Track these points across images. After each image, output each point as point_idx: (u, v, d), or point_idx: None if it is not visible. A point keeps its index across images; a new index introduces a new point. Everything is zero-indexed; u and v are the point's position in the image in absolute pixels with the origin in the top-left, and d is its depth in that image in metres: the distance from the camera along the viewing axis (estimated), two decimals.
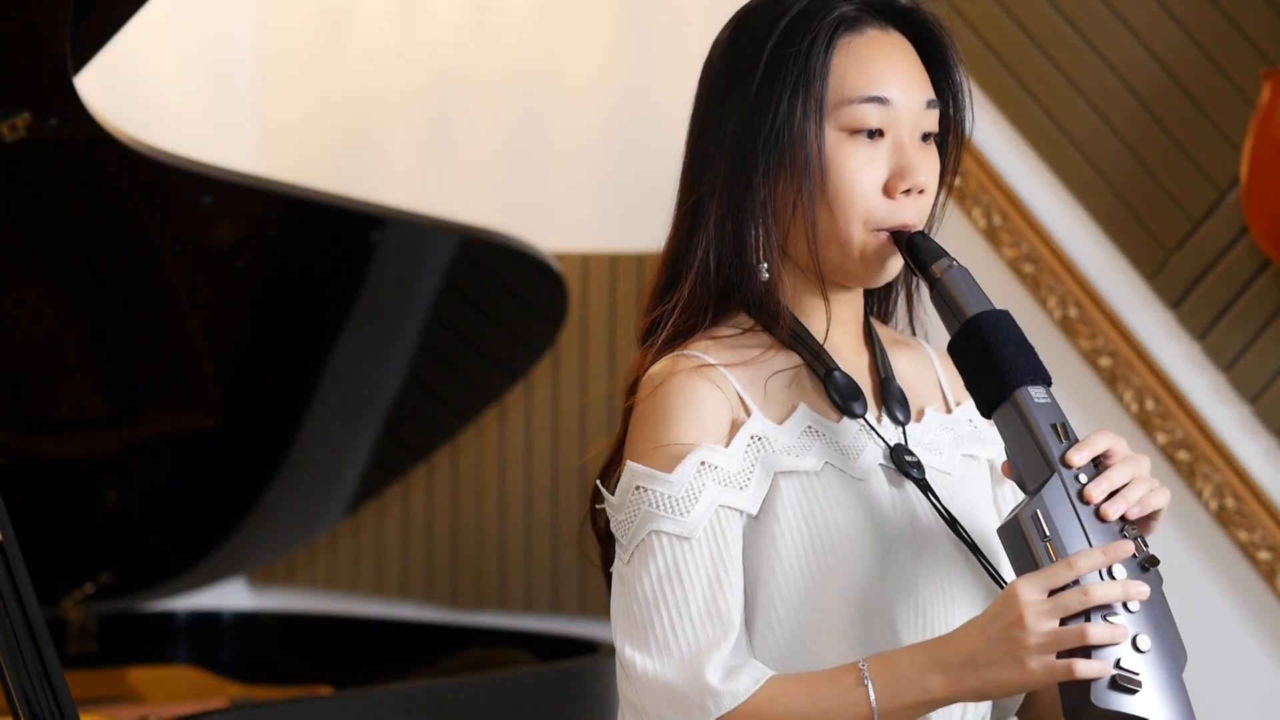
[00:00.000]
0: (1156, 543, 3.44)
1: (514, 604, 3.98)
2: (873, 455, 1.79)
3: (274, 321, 3.46)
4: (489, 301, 3.62)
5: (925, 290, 1.81)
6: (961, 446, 1.88)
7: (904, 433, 1.82)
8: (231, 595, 4.16)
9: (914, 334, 1.95)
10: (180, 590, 3.78)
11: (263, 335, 3.47)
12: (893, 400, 1.83)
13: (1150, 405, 3.30)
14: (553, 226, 3.89)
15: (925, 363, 1.93)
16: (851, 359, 1.84)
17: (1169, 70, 3.28)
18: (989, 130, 3.40)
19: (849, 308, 1.84)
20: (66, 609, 3.61)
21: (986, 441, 1.90)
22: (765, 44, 1.76)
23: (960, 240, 3.41)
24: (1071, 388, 3.37)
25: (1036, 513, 1.63)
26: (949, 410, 1.91)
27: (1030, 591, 1.60)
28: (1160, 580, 1.67)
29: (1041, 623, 1.60)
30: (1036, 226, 3.36)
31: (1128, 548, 1.63)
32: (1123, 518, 1.65)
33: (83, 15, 2.68)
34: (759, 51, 1.76)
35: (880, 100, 1.75)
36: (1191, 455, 3.27)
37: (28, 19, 2.66)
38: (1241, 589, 3.27)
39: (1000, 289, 3.38)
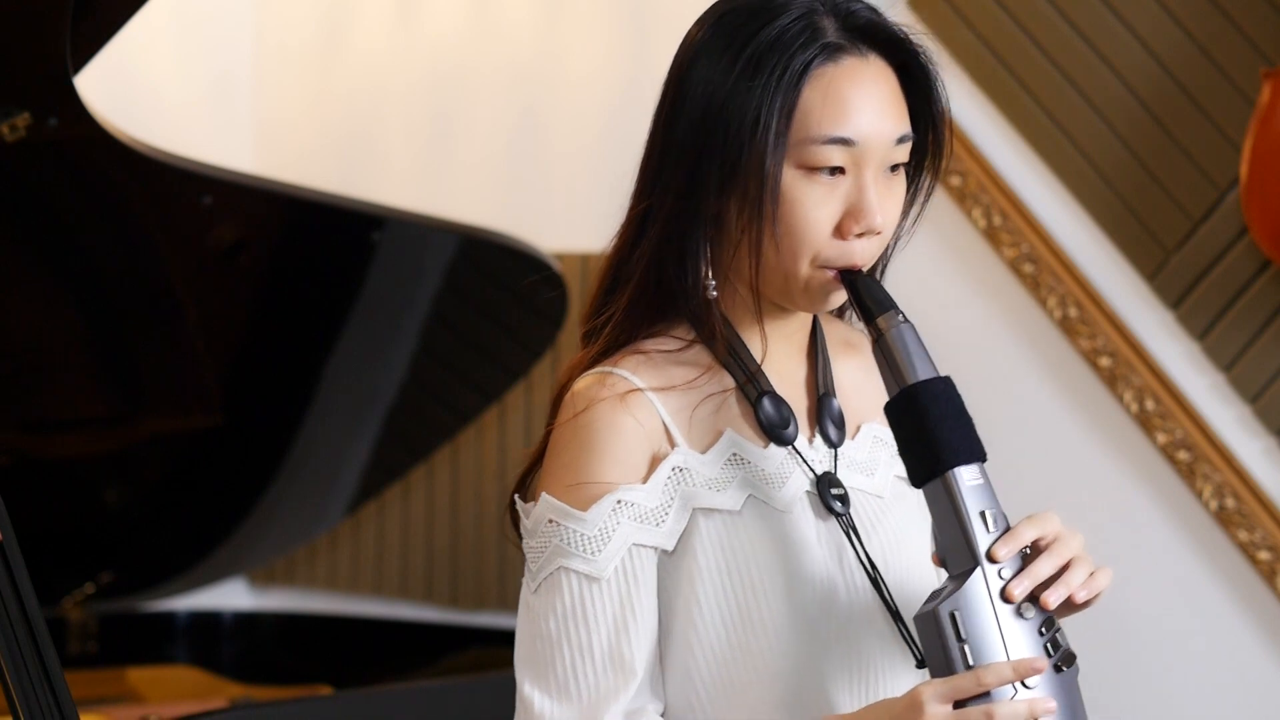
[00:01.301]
0: (1156, 542, 3.45)
1: (514, 604, 3.96)
2: (799, 484, 1.73)
3: (274, 321, 3.46)
4: (489, 301, 3.62)
5: (883, 277, 1.77)
6: (896, 466, 1.79)
7: (835, 456, 1.76)
8: (231, 595, 4.16)
9: None
10: (180, 590, 3.78)
11: (263, 335, 3.47)
12: (827, 420, 1.77)
13: (1150, 405, 3.30)
14: (553, 226, 3.89)
15: (873, 369, 1.85)
16: (791, 371, 1.79)
17: (1169, 70, 3.28)
18: (989, 131, 3.40)
19: (793, 320, 1.78)
20: (66, 609, 3.61)
21: None
22: (737, 61, 1.68)
23: (960, 240, 3.41)
24: (1071, 388, 3.37)
25: (954, 612, 1.58)
26: None
27: (934, 703, 1.56)
28: (1076, 674, 1.63)
29: None
30: (1036, 226, 3.36)
31: (1039, 664, 1.58)
32: (1046, 614, 1.62)
33: (83, 15, 2.68)
34: (730, 68, 1.68)
35: (844, 141, 1.66)
36: (1191, 455, 3.27)
37: (28, 19, 2.66)
38: (1241, 589, 3.27)
39: (1000, 289, 3.38)
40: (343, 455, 3.72)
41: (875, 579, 1.72)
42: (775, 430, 1.72)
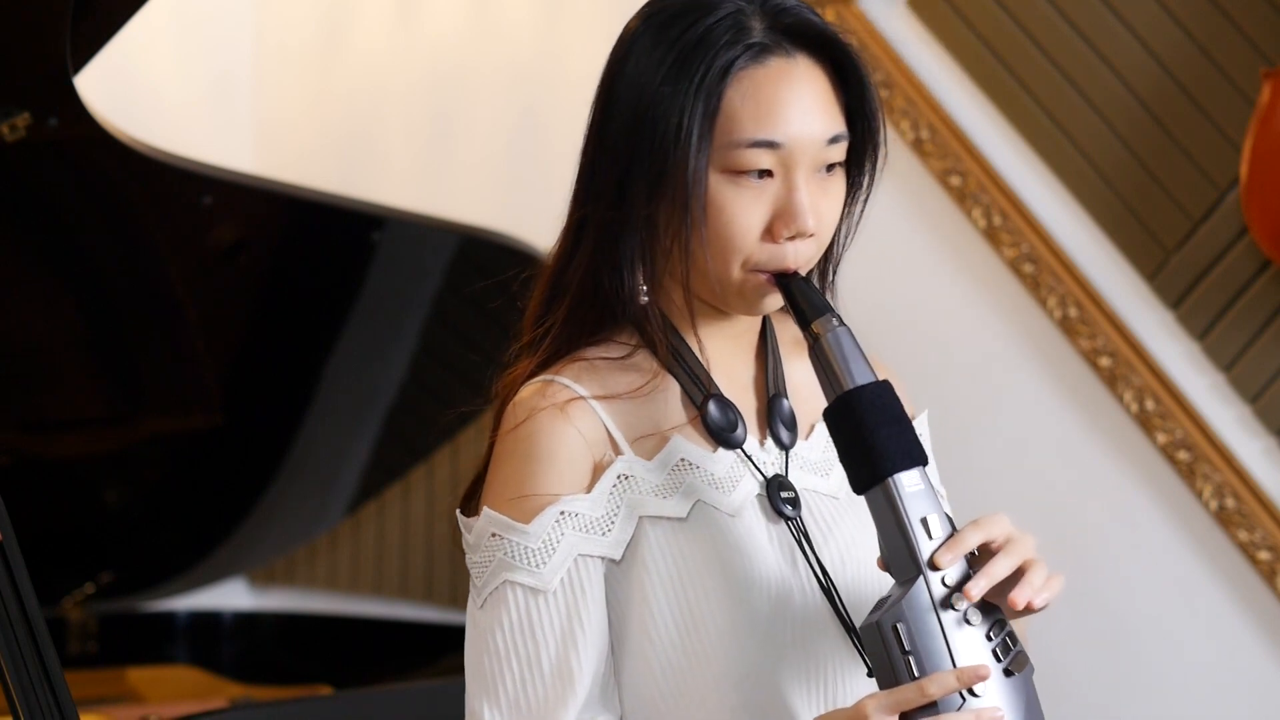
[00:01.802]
0: (1156, 542, 3.45)
1: None
2: (749, 487, 1.70)
3: (274, 321, 3.46)
4: (489, 302, 3.61)
5: (835, 277, 1.75)
6: None
7: (786, 459, 1.73)
8: (231, 595, 4.16)
9: None
10: (180, 590, 3.78)
11: (263, 335, 3.47)
12: (778, 422, 1.74)
13: (1150, 405, 3.30)
14: (553, 226, 3.88)
15: None
16: (740, 373, 1.76)
17: (1169, 70, 3.28)
18: (989, 130, 3.40)
19: (740, 321, 1.75)
20: (66, 609, 3.61)
21: None
22: (663, 63, 1.65)
23: (960, 240, 3.41)
24: (1071, 388, 3.37)
25: (896, 625, 1.55)
26: None
27: (879, 715, 1.54)
28: (1030, 674, 1.59)
29: None
30: (1036, 226, 3.36)
31: (984, 671, 1.54)
32: (994, 616, 1.59)
33: (83, 15, 2.68)
34: (655, 70, 1.65)
35: (770, 144, 1.63)
36: (1191, 455, 3.27)
37: (28, 19, 2.66)
38: (1241, 589, 3.27)
39: (1000, 289, 3.38)
40: (343, 455, 3.72)
41: (826, 588, 1.69)
42: (722, 434, 1.70)
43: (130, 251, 3.23)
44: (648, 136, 1.65)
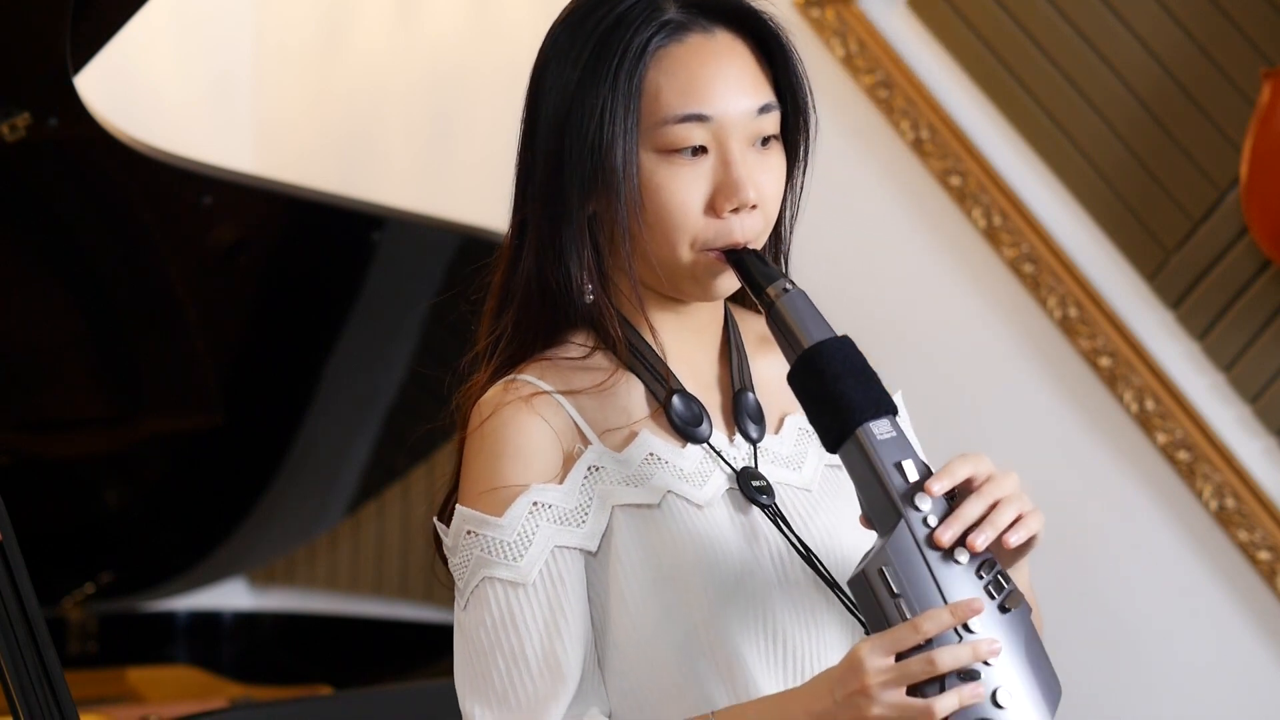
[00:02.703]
0: (1156, 542, 3.45)
1: None
2: (718, 481, 1.69)
3: (274, 321, 3.46)
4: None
5: (788, 256, 1.74)
6: (826, 456, 1.75)
7: (755, 452, 1.72)
8: (231, 595, 4.16)
9: None
10: (180, 590, 3.78)
11: (263, 335, 3.47)
12: (745, 416, 1.72)
13: (1150, 405, 3.30)
14: None
15: None
16: (705, 369, 1.75)
17: (1169, 70, 3.28)
18: (989, 130, 3.40)
19: (702, 313, 1.73)
20: (66, 609, 3.61)
21: None
22: (583, 52, 1.65)
23: (960, 240, 3.41)
24: (1071, 388, 3.37)
25: (882, 568, 1.52)
26: None
27: (874, 657, 1.51)
28: (1027, 613, 1.56)
29: (886, 693, 1.51)
30: (1036, 226, 3.36)
31: (977, 605, 1.52)
32: (983, 556, 1.55)
33: (83, 15, 2.68)
34: (576, 60, 1.66)
35: (699, 118, 1.63)
36: (1191, 455, 3.27)
37: (28, 19, 2.66)
38: (1241, 589, 3.27)
39: (1000, 289, 3.38)
40: (343, 455, 3.72)
41: (808, 557, 1.67)
42: (687, 428, 1.68)
43: (130, 251, 3.23)
44: (575, 130, 1.65)
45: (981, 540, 1.54)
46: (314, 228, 3.38)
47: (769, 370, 1.77)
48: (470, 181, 4.03)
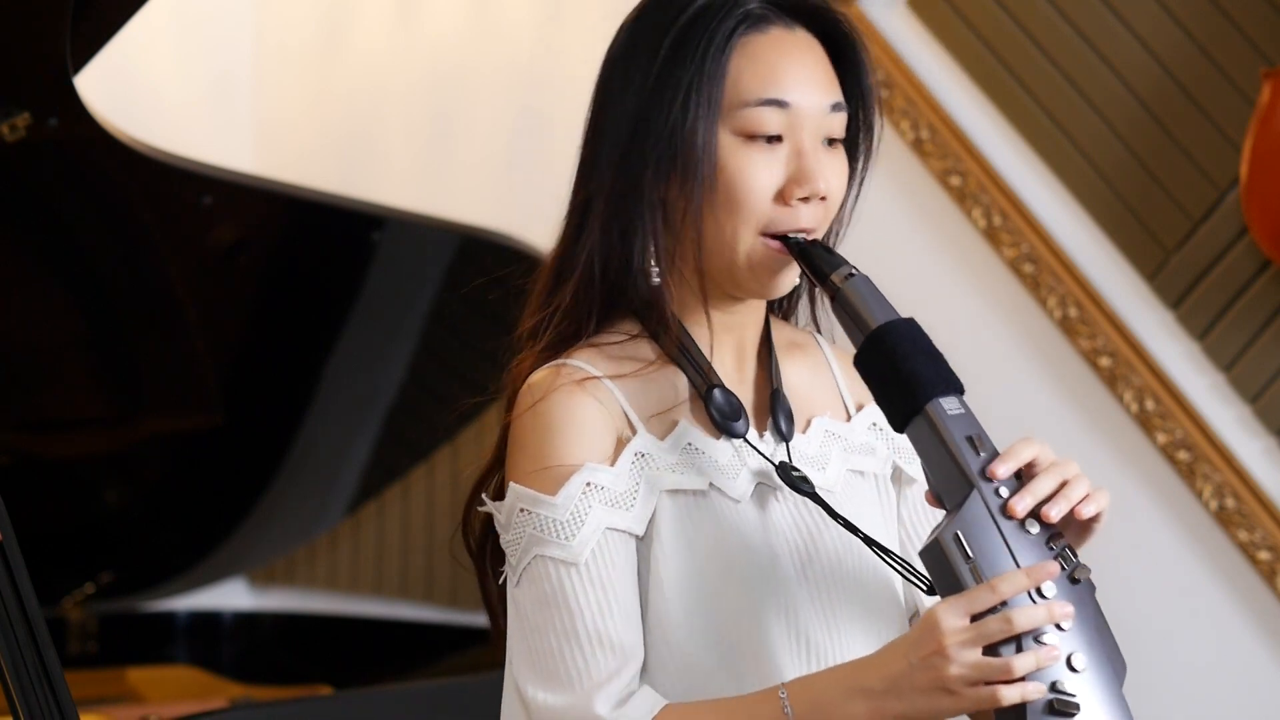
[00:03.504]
0: (1156, 542, 3.44)
1: None
2: (747, 477, 1.73)
3: (274, 321, 3.46)
4: (489, 301, 3.61)
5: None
6: (849, 461, 1.81)
7: (788, 449, 1.76)
8: (231, 595, 4.16)
9: (818, 331, 1.88)
10: (180, 590, 3.78)
11: (263, 335, 3.47)
12: (779, 414, 1.76)
13: (1150, 405, 3.30)
14: (553, 226, 3.88)
15: (822, 367, 1.86)
16: (740, 370, 1.78)
17: (1169, 70, 3.27)
18: (989, 130, 3.40)
19: (743, 315, 1.77)
20: (66, 609, 3.61)
21: (879, 454, 1.83)
22: (664, 39, 1.69)
23: (960, 240, 3.41)
24: (1071, 388, 3.37)
25: (957, 533, 1.56)
26: (848, 417, 1.84)
27: (951, 618, 1.53)
28: (1093, 589, 1.60)
29: (963, 652, 1.53)
30: (1036, 226, 3.36)
31: (1052, 568, 1.56)
32: (1052, 530, 1.59)
33: (83, 15, 2.68)
34: (657, 47, 1.70)
35: (778, 103, 1.68)
36: (1191, 455, 3.27)
37: (28, 19, 2.66)
38: (1241, 589, 3.27)
39: (1000, 289, 3.38)
40: (343, 455, 3.72)
41: (858, 531, 1.71)
42: (726, 423, 1.72)
43: (130, 251, 3.23)
44: (656, 110, 1.69)
45: (1056, 511, 1.59)
46: (314, 228, 3.38)
47: (795, 376, 1.82)
48: (470, 181, 4.04)
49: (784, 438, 1.76)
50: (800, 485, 1.72)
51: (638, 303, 1.73)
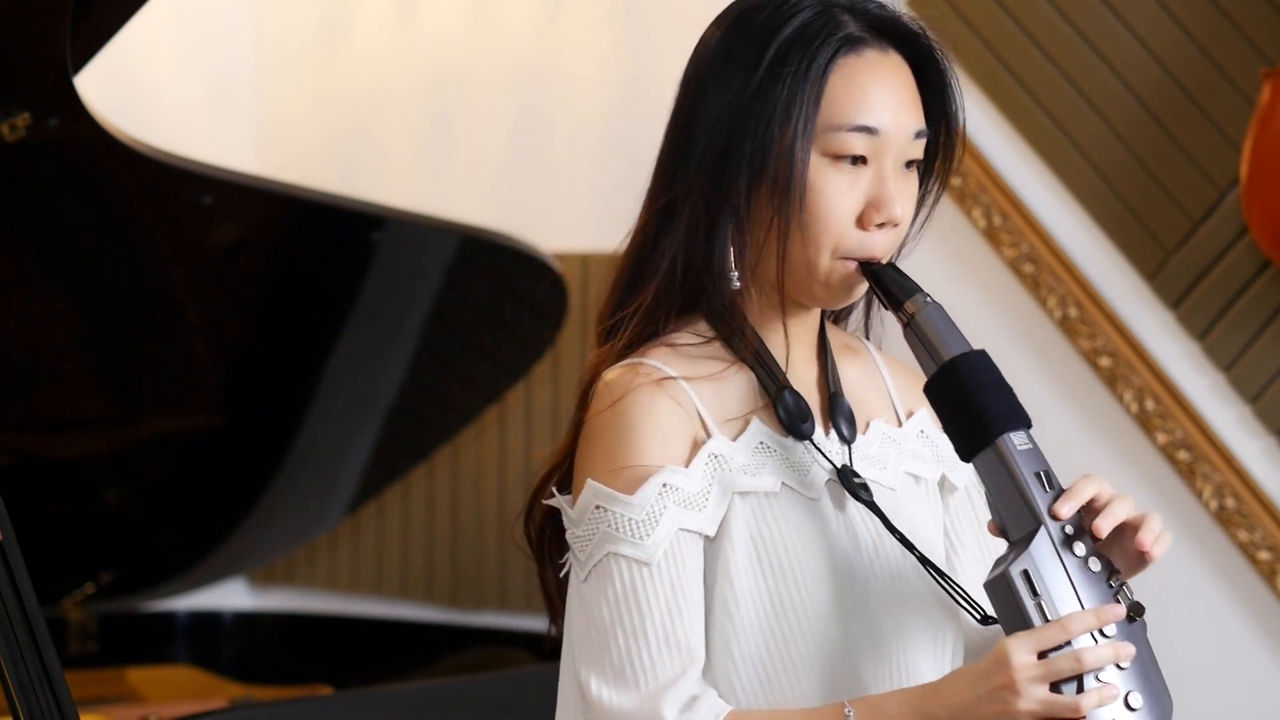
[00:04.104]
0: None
1: (514, 604, 3.98)
2: (820, 475, 1.77)
3: (274, 321, 3.46)
4: (489, 301, 3.62)
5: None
6: (905, 464, 1.85)
7: (849, 451, 1.80)
8: (231, 595, 4.16)
9: (867, 337, 1.92)
10: (180, 590, 3.78)
11: (263, 335, 3.47)
12: (840, 417, 1.80)
13: (1150, 405, 3.30)
14: (553, 226, 3.89)
15: (874, 372, 1.90)
16: (802, 372, 1.81)
17: (1169, 70, 3.28)
18: (989, 130, 3.40)
19: (805, 319, 1.81)
20: (66, 609, 3.61)
21: (929, 460, 1.87)
22: (763, 54, 1.72)
23: (960, 240, 3.41)
24: (1071, 388, 3.37)
25: (1026, 569, 1.61)
26: (899, 423, 1.88)
27: (1022, 654, 1.58)
28: (1145, 628, 1.65)
29: (1033, 688, 1.58)
30: (1036, 226, 3.36)
31: (1119, 610, 1.61)
32: (1111, 567, 1.65)
33: (83, 15, 2.68)
34: (755, 61, 1.72)
35: (868, 130, 1.71)
36: (1191, 455, 3.27)
37: (28, 19, 2.66)
38: (1241, 589, 3.27)
39: (1000, 289, 3.38)
40: (343, 455, 3.72)
41: (914, 550, 1.75)
42: (796, 423, 1.75)
43: (130, 251, 3.23)
44: (751, 123, 1.71)
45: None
46: (314, 228, 3.38)
47: (850, 378, 1.86)
48: (470, 181, 4.04)
49: (846, 440, 1.79)
50: (859, 493, 1.75)
51: (713, 305, 1.76)
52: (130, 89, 4.00)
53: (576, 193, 3.88)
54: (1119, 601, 1.63)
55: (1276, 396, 3.24)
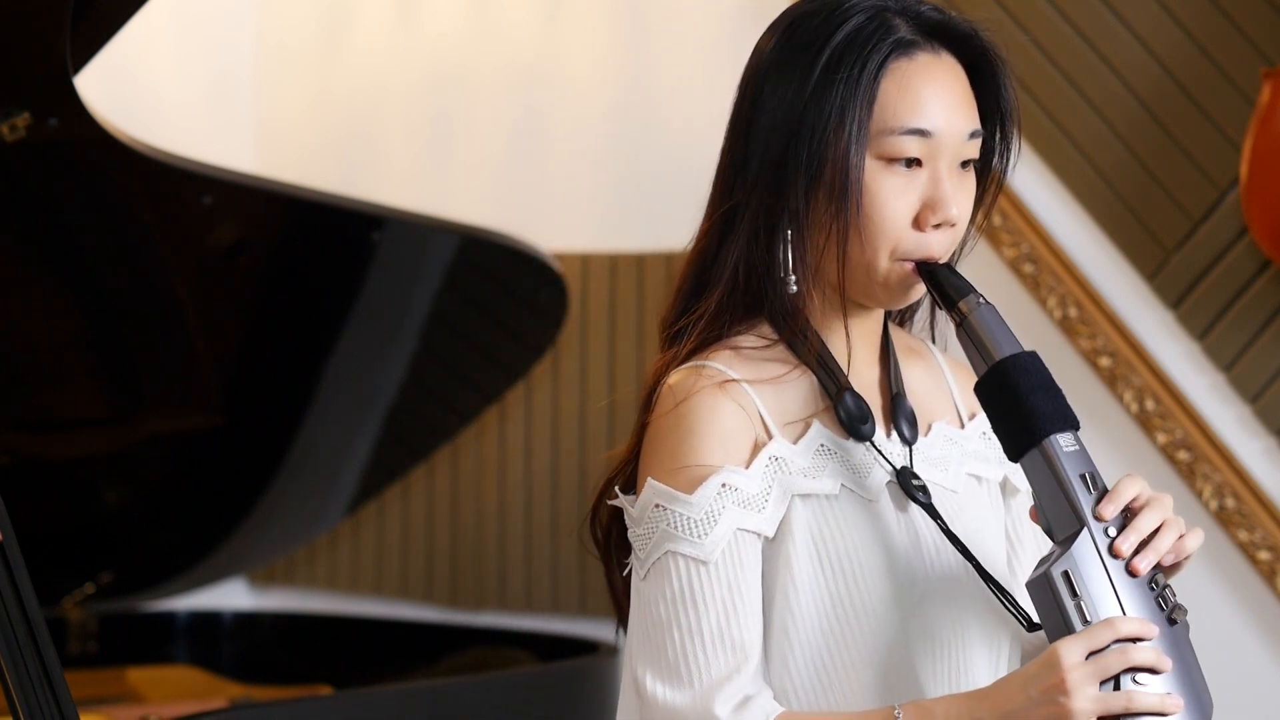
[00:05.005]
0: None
1: (514, 604, 3.98)
2: (881, 476, 1.79)
3: (274, 321, 3.46)
4: (489, 301, 3.62)
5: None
6: (967, 465, 1.87)
7: (910, 453, 1.82)
8: (231, 595, 4.16)
9: (933, 340, 1.95)
10: (180, 590, 3.78)
11: (263, 335, 3.47)
12: (902, 418, 1.82)
13: (1150, 405, 3.30)
14: (553, 226, 3.89)
15: (938, 374, 1.93)
16: (865, 373, 1.83)
17: (1169, 70, 3.28)
18: None
19: (868, 321, 1.84)
20: (66, 609, 3.61)
21: (992, 461, 1.89)
22: (817, 60, 1.74)
23: None
24: (1072, 388, 3.36)
25: (1067, 570, 1.64)
26: (961, 425, 1.90)
27: (1072, 654, 1.61)
28: (1188, 629, 1.68)
29: (1085, 686, 1.61)
30: (1036, 226, 3.36)
31: (1155, 629, 1.64)
32: (1155, 569, 1.68)
33: (83, 15, 2.68)
34: (810, 67, 1.74)
35: (922, 133, 1.73)
36: (1191, 455, 3.27)
37: (28, 19, 2.65)
38: (1241, 589, 3.27)
39: (1000, 289, 3.38)
40: (343, 455, 3.72)
41: (962, 548, 1.76)
42: (856, 425, 1.77)
43: (130, 251, 3.23)
44: (806, 129, 1.73)
45: (1147, 562, 1.68)
46: (314, 228, 3.38)
47: (914, 380, 1.88)
48: (470, 181, 4.04)
49: (907, 441, 1.81)
50: (916, 495, 1.77)
51: (776, 309, 1.78)
52: (130, 89, 3.99)
53: (576, 193, 3.88)
54: (1162, 604, 1.66)
55: (1276, 396, 3.24)
